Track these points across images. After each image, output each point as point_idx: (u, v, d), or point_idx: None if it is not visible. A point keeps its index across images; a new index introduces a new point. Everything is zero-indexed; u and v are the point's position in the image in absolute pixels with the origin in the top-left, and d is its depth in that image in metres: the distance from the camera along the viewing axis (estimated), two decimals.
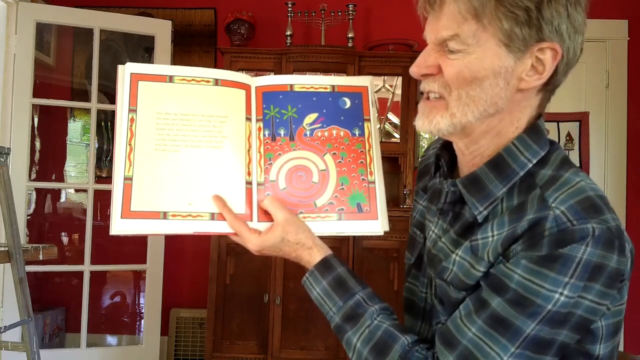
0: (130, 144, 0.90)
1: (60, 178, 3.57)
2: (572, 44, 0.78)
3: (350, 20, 3.15)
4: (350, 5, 3.14)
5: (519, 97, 0.81)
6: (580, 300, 0.73)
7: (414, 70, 0.83)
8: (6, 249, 1.88)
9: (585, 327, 0.75)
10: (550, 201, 0.75)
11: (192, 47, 3.47)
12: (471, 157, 0.86)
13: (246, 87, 0.97)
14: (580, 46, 0.80)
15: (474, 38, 0.77)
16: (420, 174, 1.04)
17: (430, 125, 0.83)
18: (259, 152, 0.95)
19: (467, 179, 0.84)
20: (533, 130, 0.83)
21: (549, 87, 0.82)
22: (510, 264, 0.75)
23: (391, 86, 3.22)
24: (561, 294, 0.72)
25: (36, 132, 3.26)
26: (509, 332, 0.74)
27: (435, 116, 0.82)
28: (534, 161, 0.81)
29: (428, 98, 0.85)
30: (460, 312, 0.79)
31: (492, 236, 0.79)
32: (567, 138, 3.04)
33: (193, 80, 0.94)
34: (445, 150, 0.93)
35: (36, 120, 3.24)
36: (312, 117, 0.97)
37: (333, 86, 0.99)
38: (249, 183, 0.93)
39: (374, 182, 0.97)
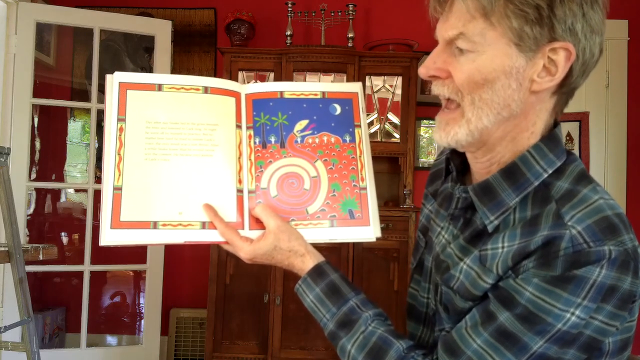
0: (119, 154, 0.88)
1: (60, 178, 3.57)
2: (588, 44, 0.76)
3: (350, 20, 3.14)
4: (350, 5, 3.13)
5: (533, 100, 0.79)
6: (591, 320, 0.71)
7: (422, 71, 0.82)
8: (6, 249, 1.88)
9: (592, 347, 0.74)
10: (567, 219, 0.73)
11: (192, 47, 3.46)
12: (487, 165, 0.84)
13: (236, 95, 0.95)
14: (598, 47, 0.78)
15: (482, 36, 0.75)
16: (432, 178, 1.02)
17: (447, 137, 0.81)
18: (250, 159, 0.93)
19: (479, 186, 0.83)
20: (550, 138, 0.81)
21: (564, 89, 0.80)
22: (520, 280, 0.74)
23: (391, 86, 3.22)
24: (572, 314, 0.71)
25: (36, 132, 3.26)
26: (516, 347, 0.73)
27: (453, 127, 0.80)
28: (550, 171, 0.79)
29: (444, 106, 0.83)
30: (467, 322, 0.78)
31: (502, 248, 0.77)
32: (567, 138, 3.04)
33: (182, 88, 0.93)
34: (456, 153, 0.91)
35: (36, 120, 3.24)
36: (302, 123, 0.96)
37: (323, 92, 0.98)
38: (240, 191, 0.92)
39: (365, 188, 0.95)
